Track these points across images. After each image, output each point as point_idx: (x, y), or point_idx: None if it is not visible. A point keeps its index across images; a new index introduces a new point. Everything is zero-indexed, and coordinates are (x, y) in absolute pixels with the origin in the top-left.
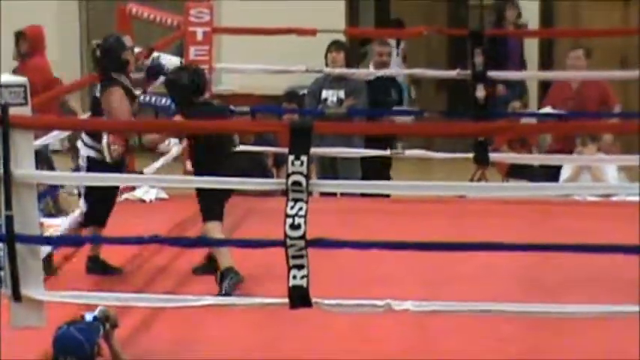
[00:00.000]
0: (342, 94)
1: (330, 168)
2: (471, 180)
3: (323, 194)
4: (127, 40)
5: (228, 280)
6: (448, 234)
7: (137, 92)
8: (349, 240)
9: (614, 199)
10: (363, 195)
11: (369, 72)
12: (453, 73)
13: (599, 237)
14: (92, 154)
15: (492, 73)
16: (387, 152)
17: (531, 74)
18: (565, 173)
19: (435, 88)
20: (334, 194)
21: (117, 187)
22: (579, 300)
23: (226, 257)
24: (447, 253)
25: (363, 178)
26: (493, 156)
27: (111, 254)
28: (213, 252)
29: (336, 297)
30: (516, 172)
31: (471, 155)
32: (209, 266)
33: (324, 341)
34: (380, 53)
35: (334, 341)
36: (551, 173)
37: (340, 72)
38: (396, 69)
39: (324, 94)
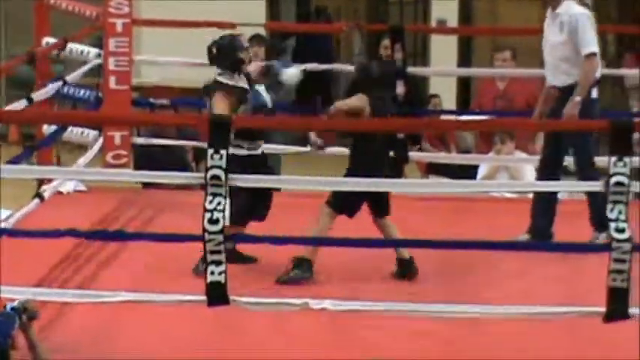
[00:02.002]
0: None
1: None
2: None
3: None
4: (244, 40)
5: (296, 271)
6: (368, 230)
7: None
8: (267, 235)
9: (531, 196)
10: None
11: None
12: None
13: (516, 233)
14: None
15: (412, 70)
16: (307, 149)
17: (451, 70)
18: (483, 171)
19: None
20: None
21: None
22: (498, 298)
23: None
24: (367, 249)
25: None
26: (413, 154)
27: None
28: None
29: (255, 295)
30: (435, 169)
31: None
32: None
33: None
34: (386, 46)
35: (252, 338)
36: (469, 171)
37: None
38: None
39: None
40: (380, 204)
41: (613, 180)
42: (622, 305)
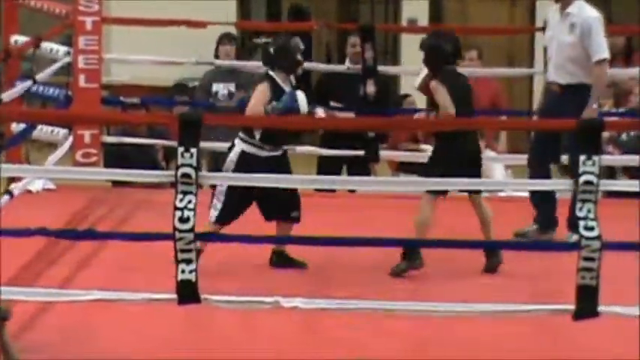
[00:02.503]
0: (232, 87)
1: (222, 162)
2: None
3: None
4: (299, 42)
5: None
6: (338, 228)
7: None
8: (238, 234)
9: (501, 194)
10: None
11: (259, 65)
12: (343, 68)
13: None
14: (247, 148)
15: (383, 69)
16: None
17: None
18: None
19: None
20: None
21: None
22: (473, 297)
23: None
24: (336, 248)
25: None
26: (383, 153)
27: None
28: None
29: (226, 293)
30: (406, 167)
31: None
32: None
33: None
34: (353, 44)
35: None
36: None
37: (231, 64)
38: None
39: (215, 87)
40: None
41: (582, 179)
42: (591, 303)
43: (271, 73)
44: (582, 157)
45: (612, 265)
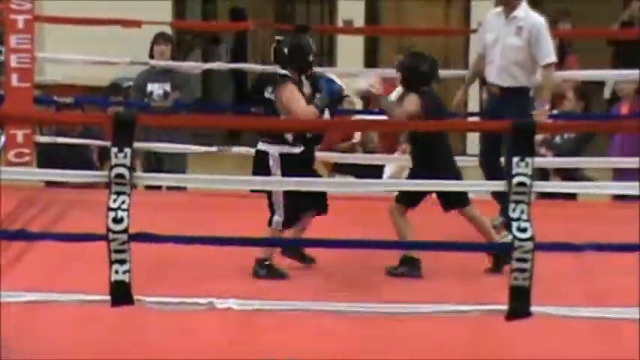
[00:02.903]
0: (167, 87)
1: (157, 162)
2: None
3: (149, 188)
4: (312, 43)
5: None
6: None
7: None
8: (172, 235)
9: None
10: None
11: (196, 65)
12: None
13: (423, 234)
14: (283, 149)
15: (320, 69)
16: (213, 148)
17: (357, 70)
18: (389, 170)
19: None
20: (160, 187)
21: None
22: (403, 296)
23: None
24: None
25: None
26: (319, 154)
27: None
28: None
29: (161, 294)
30: (341, 168)
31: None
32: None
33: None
34: None
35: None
36: (375, 170)
37: (166, 65)
38: (220, 64)
39: (150, 87)
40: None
41: (515, 180)
42: (524, 303)
43: (285, 72)
44: (515, 159)
45: (545, 266)
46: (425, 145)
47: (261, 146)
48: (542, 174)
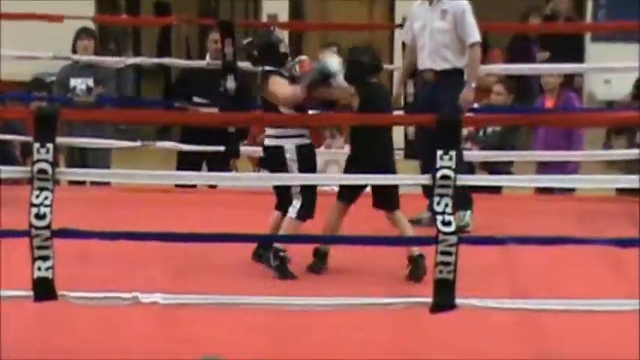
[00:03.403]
0: (90, 82)
1: (80, 158)
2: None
3: (72, 183)
4: (279, 33)
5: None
6: (199, 224)
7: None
8: (96, 230)
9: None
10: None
11: (118, 60)
12: (203, 63)
13: (350, 228)
14: (299, 142)
15: (244, 65)
16: (137, 143)
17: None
18: None
19: None
20: (83, 183)
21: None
22: (329, 290)
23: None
24: (197, 244)
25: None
26: (244, 149)
27: None
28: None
29: (86, 289)
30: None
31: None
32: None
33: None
34: (215, 40)
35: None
36: None
37: (89, 60)
38: (143, 59)
39: (73, 82)
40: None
41: (439, 173)
42: (448, 296)
43: (267, 67)
44: (439, 152)
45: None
46: (362, 138)
47: (271, 142)
48: (468, 168)
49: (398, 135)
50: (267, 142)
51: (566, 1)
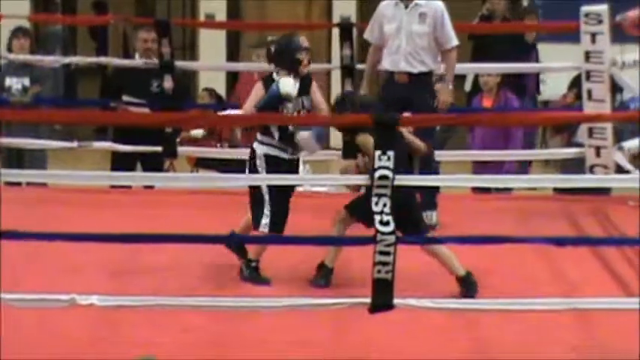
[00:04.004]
0: (26, 81)
1: (16, 158)
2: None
3: (8, 184)
4: (303, 41)
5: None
6: (137, 224)
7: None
8: (34, 231)
9: (299, 189)
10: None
11: (55, 59)
12: (139, 62)
13: (299, 228)
14: (270, 151)
15: (180, 64)
16: (74, 144)
17: (219, 65)
18: None
19: None
20: (19, 184)
21: (291, 187)
22: (277, 290)
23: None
24: (136, 245)
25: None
26: (181, 149)
27: None
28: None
29: (23, 291)
30: (205, 162)
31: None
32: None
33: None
34: (145, 39)
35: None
36: (239, 164)
37: (25, 59)
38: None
39: (8, 81)
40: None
41: (377, 174)
42: (386, 296)
43: (274, 75)
44: (378, 152)
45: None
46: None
47: (254, 143)
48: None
49: (337, 135)
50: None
51: (503, 2)
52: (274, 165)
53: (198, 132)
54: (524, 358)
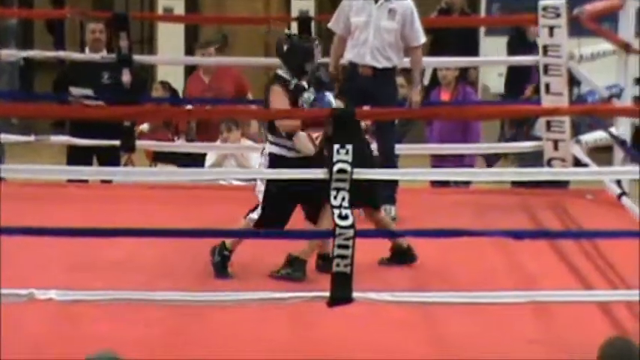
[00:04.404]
0: None
1: None
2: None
3: None
4: (317, 48)
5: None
6: (94, 219)
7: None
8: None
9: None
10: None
11: (11, 53)
12: (97, 57)
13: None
14: (275, 150)
15: (138, 58)
16: (31, 138)
17: (177, 59)
18: (210, 159)
19: None
20: None
21: (296, 194)
22: (230, 285)
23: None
24: (93, 239)
25: None
26: (139, 143)
27: None
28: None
29: None
30: (163, 156)
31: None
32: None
33: None
34: (93, 30)
35: None
36: (196, 158)
37: None
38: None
39: None
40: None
41: (336, 167)
42: (345, 290)
43: (280, 72)
44: (336, 146)
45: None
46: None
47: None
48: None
49: None
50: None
51: None
52: (278, 164)
53: (144, 126)
54: (482, 351)
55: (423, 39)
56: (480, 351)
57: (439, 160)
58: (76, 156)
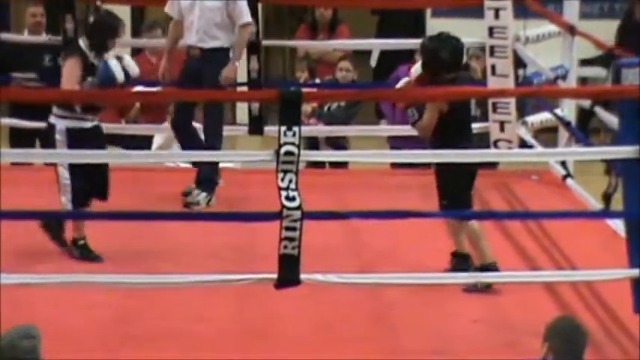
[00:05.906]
0: None
1: None
2: None
3: None
4: (120, 25)
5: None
6: (42, 201)
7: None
8: None
9: (169, 165)
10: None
11: None
12: (44, 38)
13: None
14: (70, 124)
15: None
16: None
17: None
18: (157, 141)
19: None
20: None
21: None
22: (172, 269)
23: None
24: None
25: None
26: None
27: None
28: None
29: None
30: (110, 139)
31: None
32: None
33: None
34: (33, 14)
35: None
36: (144, 141)
37: None
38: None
39: None
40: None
41: (283, 150)
42: (293, 272)
43: (81, 44)
44: (283, 128)
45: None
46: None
47: (51, 119)
48: (313, 143)
49: (242, 112)
50: (49, 118)
51: None
52: (76, 139)
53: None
54: (425, 329)
55: (247, 18)
56: (423, 329)
57: (398, 142)
58: (19, 139)
